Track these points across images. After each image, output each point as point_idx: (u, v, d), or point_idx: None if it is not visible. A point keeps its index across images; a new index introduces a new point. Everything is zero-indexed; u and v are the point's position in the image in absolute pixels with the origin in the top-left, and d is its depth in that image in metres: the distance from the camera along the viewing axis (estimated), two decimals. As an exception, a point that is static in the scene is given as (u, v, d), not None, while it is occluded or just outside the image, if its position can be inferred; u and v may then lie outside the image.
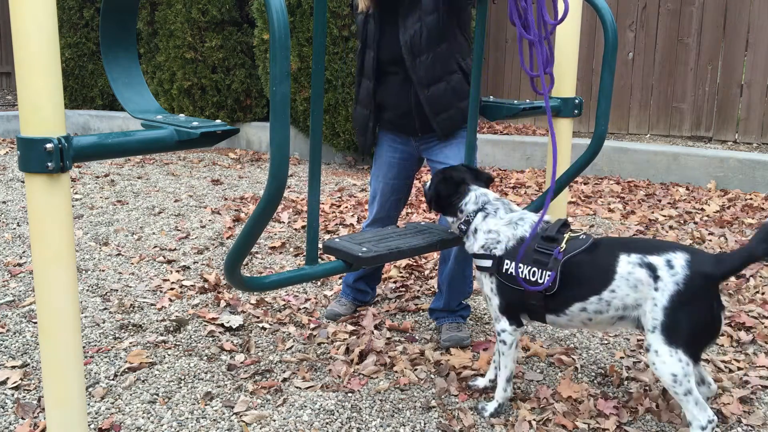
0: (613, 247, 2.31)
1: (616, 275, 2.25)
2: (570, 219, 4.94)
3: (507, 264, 2.42)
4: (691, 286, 2.14)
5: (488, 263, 2.47)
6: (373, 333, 3.18)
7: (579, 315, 2.36)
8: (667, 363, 2.16)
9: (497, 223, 2.50)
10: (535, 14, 2.28)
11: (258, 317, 3.37)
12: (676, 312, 2.15)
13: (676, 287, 2.15)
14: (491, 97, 3.07)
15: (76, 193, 5.65)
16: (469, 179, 2.64)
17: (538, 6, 2.25)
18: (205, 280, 3.79)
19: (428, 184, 2.74)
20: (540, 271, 2.34)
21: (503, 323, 2.50)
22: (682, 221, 4.92)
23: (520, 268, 2.38)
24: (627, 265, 2.23)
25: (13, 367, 2.84)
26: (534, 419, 2.50)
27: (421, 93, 2.88)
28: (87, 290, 3.67)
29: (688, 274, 2.14)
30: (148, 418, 2.52)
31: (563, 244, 2.34)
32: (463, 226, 2.59)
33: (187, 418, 2.52)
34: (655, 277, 2.18)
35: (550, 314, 2.42)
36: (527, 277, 2.37)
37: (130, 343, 3.07)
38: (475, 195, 2.59)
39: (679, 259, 2.17)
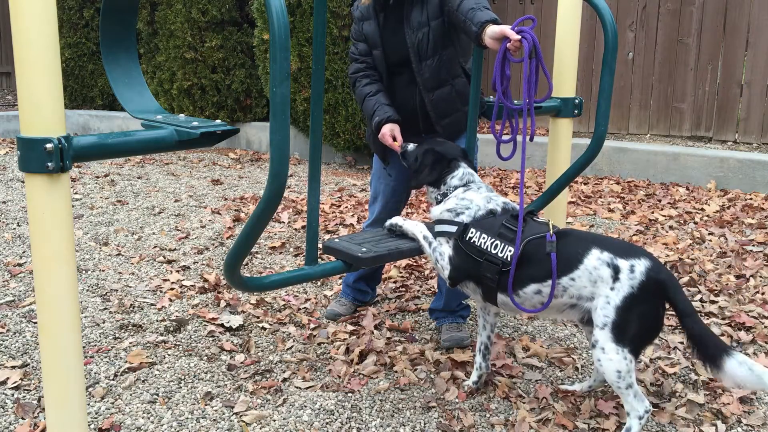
0: (588, 240, 2.35)
1: (581, 265, 2.29)
2: (570, 219, 4.94)
3: (472, 232, 2.44)
4: (644, 291, 2.23)
5: (452, 229, 2.48)
6: (373, 333, 3.17)
7: (533, 298, 2.39)
8: (614, 360, 2.23)
9: (474, 195, 2.54)
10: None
11: (258, 317, 3.37)
12: (627, 312, 2.23)
13: (630, 290, 2.23)
14: (491, 97, 3.07)
15: (76, 193, 5.65)
16: (459, 157, 2.68)
17: (529, 80, 2.34)
18: (205, 280, 3.79)
19: (410, 149, 2.75)
20: (503, 245, 2.37)
21: (446, 265, 2.49)
22: (682, 221, 4.92)
23: (483, 238, 2.40)
24: (596, 260, 2.28)
25: (13, 367, 2.84)
26: (534, 419, 2.50)
27: (426, 96, 2.87)
28: (87, 290, 3.67)
29: (644, 280, 2.23)
30: (148, 418, 2.52)
31: (550, 228, 2.38)
32: (439, 197, 2.62)
33: (187, 418, 2.52)
34: (615, 278, 2.24)
35: (502, 294, 2.43)
36: (489, 249, 2.39)
37: (130, 343, 3.07)
38: (463, 172, 2.62)
39: (641, 266, 2.25)
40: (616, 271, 2.24)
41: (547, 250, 2.32)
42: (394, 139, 2.85)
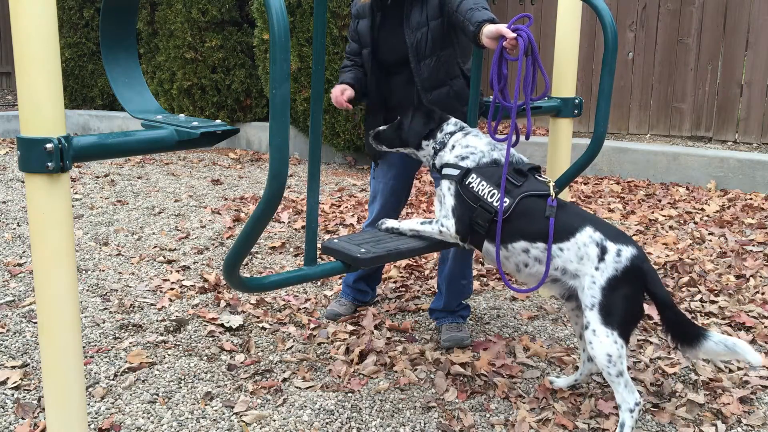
0: (584, 217, 2.38)
1: (573, 238, 2.32)
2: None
3: (472, 177, 2.46)
4: (627, 276, 2.27)
5: (455, 172, 2.51)
6: (373, 333, 3.18)
7: (519, 255, 2.41)
8: (604, 343, 2.27)
9: (477, 141, 2.56)
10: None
11: (258, 317, 3.37)
12: (612, 293, 2.27)
13: (614, 272, 2.27)
14: (491, 97, 3.07)
15: (76, 193, 5.65)
16: (445, 114, 2.73)
17: (525, 77, 2.36)
18: (205, 280, 3.79)
19: (382, 128, 2.77)
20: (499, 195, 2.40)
21: (448, 222, 2.52)
22: (682, 221, 4.92)
23: (482, 185, 2.43)
24: (587, 237, 2.31)
25: (13, 367, 2.84)
26: (534, 419, 2.50)
27: (424, 96, 2.88)
28: (87, 290, 3.67)
29: (628, 266, 2.27)
30: (148, 418, 2.52)
31: (552, 191, 2.38)
32: (437, 146, 2.64)
33: (187, 418, 2.52)
34: (601, 258, 2.28)
35: (489, 243, 2.44)
36: (485, 197, 2.41)
37: (130, 343, 3.07)
38: (455, 121, 2.67)
39: (627, 252, 2.28)
40: (603, 251, 2.28)
41: (546, 214, 2.34)
42: (349, 103, 2.89)
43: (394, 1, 2.86)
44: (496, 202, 2.39)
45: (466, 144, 2.57)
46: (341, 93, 2.91)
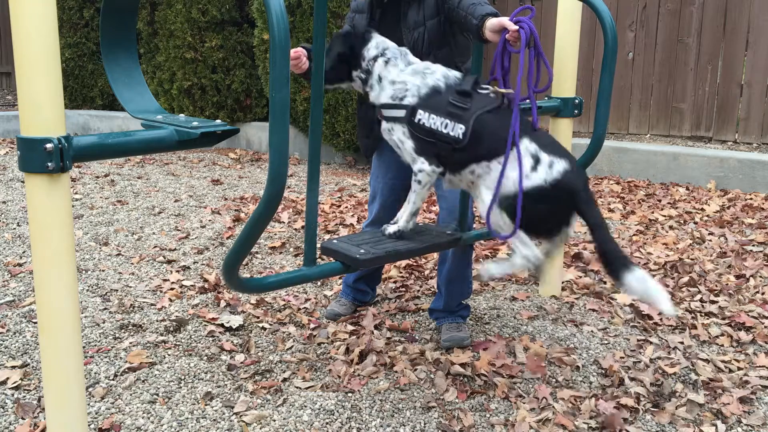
0: (523, 130, 2.37)
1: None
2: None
3: (420, 114, 2.42)
4: (554, 190, 2.29)
5: (401, 113, 2.45)
6: (373, 333, 3.18)
7: (467, 177, 2.44)
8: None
9: (400, 73, 2.49)
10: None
11: (258, 317, 3.37)
12: (528, 200, 2.29)
13: (543, 183, 2.29)
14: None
15: (76, 193, 5.65)
16: (371, 30, 2.64)
17: (528, 70, 2.37)
18: (205, 280, 3.79)
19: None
20: (452, 123, 2.38)
21: (421, 164, 2.49)
22: (682, 221, 4.92)
23: (432, 119, 2.40)
24: (523, 149, 2.32)
25: (13, 367, 2.84)
26: (534, 419, 2.50)
27: None
28: (87, 290, 3.67)
29: (557, 179, 2.29)
30: (148, 418, 2.52)
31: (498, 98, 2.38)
32: (363, 75, 2.57)
33: (187, 418, 2.52)
34: (534, 168, 2.30)
35: (450, 174, 2.47)
36: (439, 129, 2.39)
37: (130, 343, 3.07)
38: (376, 42, 2.58)
39: (559, 166, 2.30)
40: (536, 161, 2.30)
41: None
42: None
43: (391, 0, 2.86)
44: (452, 131, 2.37)
45: (392, 80, 2.49)
46: (300, 58, 2.72)
